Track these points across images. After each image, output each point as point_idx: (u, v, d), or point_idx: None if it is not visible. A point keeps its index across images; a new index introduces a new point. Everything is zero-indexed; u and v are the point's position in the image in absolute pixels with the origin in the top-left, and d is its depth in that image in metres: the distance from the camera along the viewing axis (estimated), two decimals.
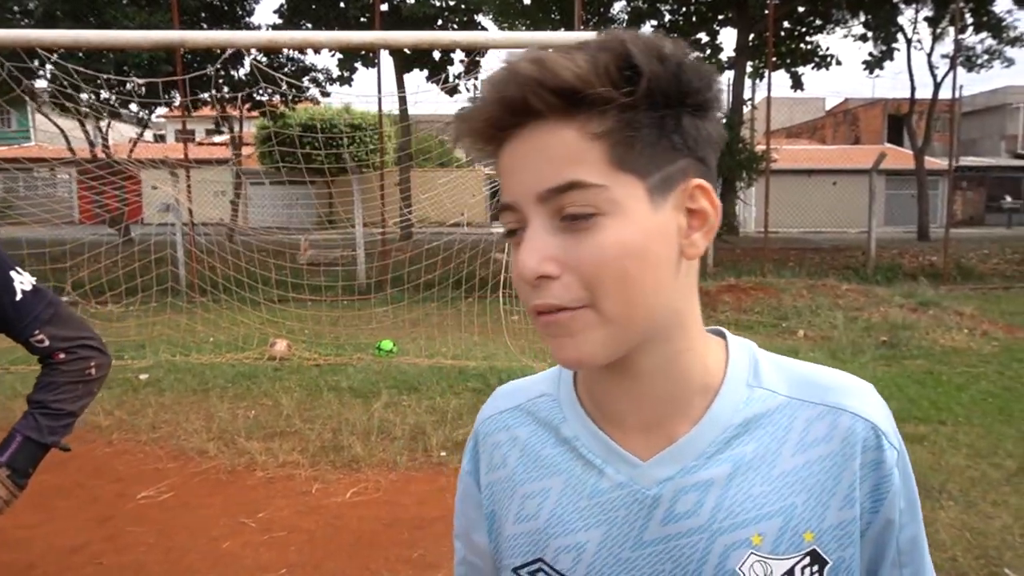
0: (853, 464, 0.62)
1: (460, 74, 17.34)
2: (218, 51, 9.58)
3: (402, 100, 14.48)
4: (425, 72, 17.83)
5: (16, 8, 13.19)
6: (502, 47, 4.44)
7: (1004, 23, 18.53)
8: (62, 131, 13.50)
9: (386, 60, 17.05)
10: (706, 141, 0.61)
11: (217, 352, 7.04)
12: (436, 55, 17.25)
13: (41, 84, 11.03)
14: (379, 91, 10.71)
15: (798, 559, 0.62)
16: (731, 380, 0.66)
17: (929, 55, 19.67)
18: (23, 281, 1.36)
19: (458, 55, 17.25)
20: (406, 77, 17.06)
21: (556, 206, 0.58)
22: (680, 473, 0.64)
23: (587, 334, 0.59)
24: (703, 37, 17.88)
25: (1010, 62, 20.15)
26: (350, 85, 17.06)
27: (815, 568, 0.62)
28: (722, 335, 0.70)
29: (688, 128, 0.59)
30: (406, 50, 15.48)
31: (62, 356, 1.40)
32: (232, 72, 15.40)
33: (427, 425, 4.68)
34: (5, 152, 20.36)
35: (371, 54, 14.34)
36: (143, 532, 3.45)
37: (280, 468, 4.17)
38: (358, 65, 16.75)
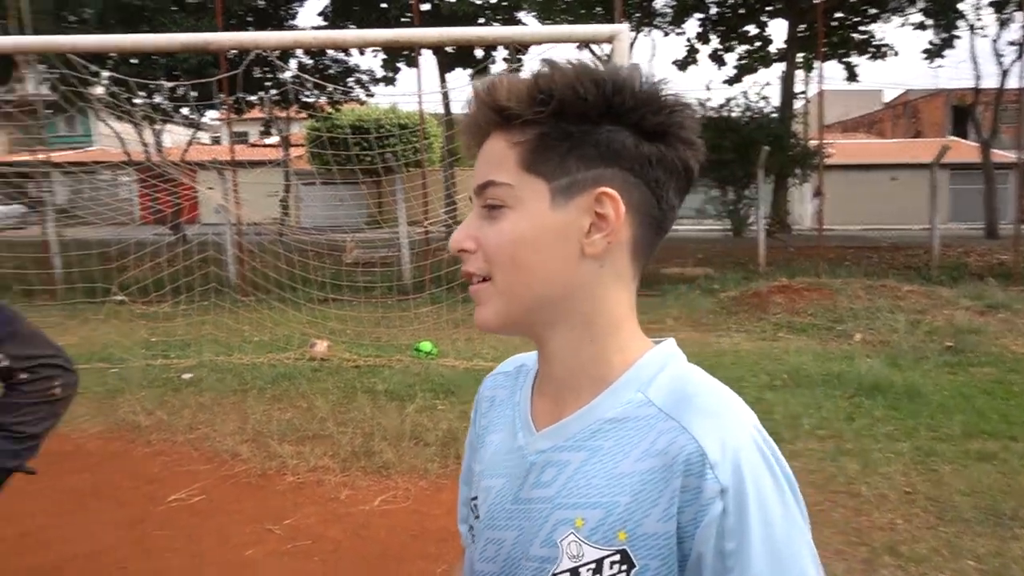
0: (675, 483, 0.65)
1: (503, 71, 17.22)
2: (264, 53, 9.65)
3: (445, 98, 14.45)
4: (468, 71, 17.79)
5: (72, 18, 13.61)
6: (537, 42, 4.30)
7: None
8: (118, 135, 13.88)
9: (430, 60, 17.13)
10: (644, 159, 0.69)
11: (259, 352, 7.07)
12: (479, 53, 17.18)
13: (99, 90, 11.32)
14: (419, 89, 10.65)
15: (608, 553, 0.67)
16: (624, 381, 0.72)
17: (995, 42, 18.70)
18: None
19: (501, 52, 17.14)
20: (449, 76, 17.04)
21: (483, 198, 0.72)
22: (552, 448, 0.73)
23: (487, 304, 0.73)
24: (751, 29, 17.34)
25: None
26: (394, 85, 17.13)
27: (623, 567, 0.66)
28: (658, 343, 0.76)
29: (611, 143, 0.69)
30: (448, 49, 15.46)
31: (24, 376, 1.31)
32: (279, 75, 15.60)
33: (460, 431, 4.56)
34: (72, 156, 21.12)
35: (414, 54, 14.34)
36: (170, 536, 3.42)
37: (311, 473, 4.10)
38: (401, 65, 16.80)
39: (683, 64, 18.41)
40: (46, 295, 10.13)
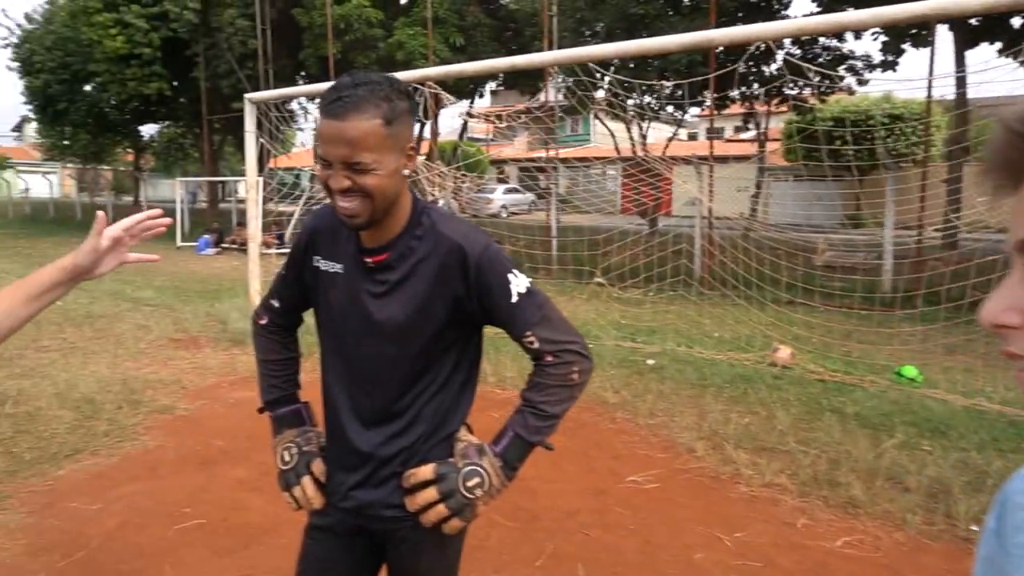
0: None
1: None
2: (753, 48, 9.57)
3: (960, 82, 12.19)
4: (997, 45, 14.66)
5: (587, 32, 15.64)
6: None
7: None
8: (611, 133, 15.51)
9: (944, 37, 14.59)
10: None
11: (719, 349, 7.05)
12: (1016, 22, 14.00)
13: (600, 94, 12.76)
14: (930, 73, 9.18)
15: None
16: None
17: None
18: (519, 284, 1.40)
19: None
20: (968, 54, 14.31)
21: None
22: None
23: None
24: None
25: None
26: (894, 70, 15.16)
27: None
28: None
29: None
30: (972, 20, 12.99)
31: (550, 359, 1.41)
32: (763, 68, 15.30)
33: (954, 484, 3.75)
34: (573, 152, 24.60)
35: (923, 31, 12.43)
36: (626, 516, 3.59)
37: (764, 488, 3.87)
38: (906, 47, 14.75)
39: None
40: (544, 272, 11.92)
